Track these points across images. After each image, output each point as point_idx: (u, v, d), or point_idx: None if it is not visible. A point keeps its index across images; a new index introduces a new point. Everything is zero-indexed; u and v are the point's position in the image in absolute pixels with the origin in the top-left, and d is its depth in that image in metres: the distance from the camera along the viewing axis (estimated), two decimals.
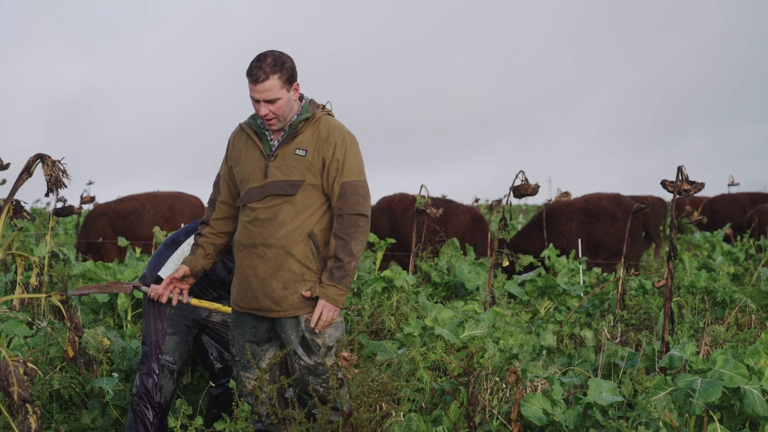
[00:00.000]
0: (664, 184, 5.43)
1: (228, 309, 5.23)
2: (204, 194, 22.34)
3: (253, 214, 4.55)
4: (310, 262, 4.52)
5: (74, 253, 13.69)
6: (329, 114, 4.68)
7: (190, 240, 5.28)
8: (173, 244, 5.41)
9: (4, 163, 10.04)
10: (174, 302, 4.76)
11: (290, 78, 4.49)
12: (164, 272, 5.28)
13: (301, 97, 4.65)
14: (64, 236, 19.76)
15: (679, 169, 5.41)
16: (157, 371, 5.26)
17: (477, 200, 24.40)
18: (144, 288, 5.28)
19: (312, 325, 4.46)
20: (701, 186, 5.31)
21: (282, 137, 4.57)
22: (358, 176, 4.55)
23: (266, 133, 4.60)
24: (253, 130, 4.63)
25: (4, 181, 13.02)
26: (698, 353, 6.05)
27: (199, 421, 5.02)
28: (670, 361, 4.91)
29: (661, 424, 4.51)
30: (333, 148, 4.52)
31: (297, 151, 4.52)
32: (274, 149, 4.56)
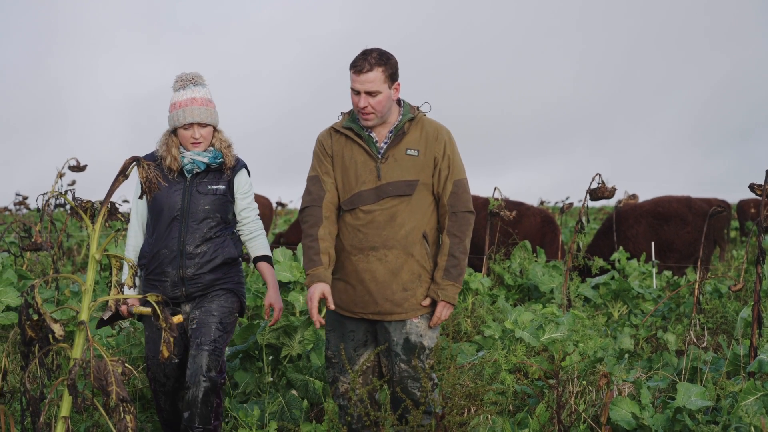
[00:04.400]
0: (752, 187, 5.34)
1: (146, 310, 4.26)
2: (274, 195, 22.44)
3: (368, 216, 4.51)
4: (426, 262, 4.54)
5: None
6: (424, 114, 4.67)
7: None
8: None
9: (81, 165, 10.23)
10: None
11: (393, 75, 4.48)
12: None
13: (398, 101, 4.64)
14: None
15: None
16: None
17: (543, 202, 24.25)
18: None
19: (432, 324, 4.49)
20: None
21: (388, 138, 4.55)
22: (464, 174, 4.61)
23: (370, 135, 4.56)
24: (356, 133, 4.57)
25: (73, 182, 13.18)
26: None
27: (273, 426, 5.07)
28: (759, 365, 4.85)
29: (752, 429, 4.46)
30: (443, 147, 4.54)
31: (408, 152, 4.51)
32: (382, 151, 4.54)
